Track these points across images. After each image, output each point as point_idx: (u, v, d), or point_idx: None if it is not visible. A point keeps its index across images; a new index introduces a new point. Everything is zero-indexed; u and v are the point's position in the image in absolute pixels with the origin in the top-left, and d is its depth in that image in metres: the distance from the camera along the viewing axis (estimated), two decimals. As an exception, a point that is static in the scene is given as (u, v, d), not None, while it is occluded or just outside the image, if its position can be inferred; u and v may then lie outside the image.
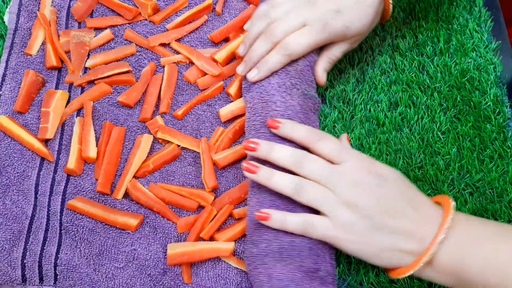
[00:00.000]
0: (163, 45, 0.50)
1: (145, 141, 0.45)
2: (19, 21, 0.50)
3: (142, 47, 0.51)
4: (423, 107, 0.48)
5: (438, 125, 0.47)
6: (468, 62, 0.50)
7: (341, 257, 0.41)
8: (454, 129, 0.47)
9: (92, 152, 0.45)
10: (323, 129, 0.47)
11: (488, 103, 0.48)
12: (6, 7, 0.53)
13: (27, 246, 0.41)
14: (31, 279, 0.40)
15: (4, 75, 0.48)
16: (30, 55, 0.49)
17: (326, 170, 0.37)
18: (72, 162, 0.44)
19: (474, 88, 0.49)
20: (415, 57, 0.50)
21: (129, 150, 0.46)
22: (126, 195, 0.44)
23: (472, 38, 0.52)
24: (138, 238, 0.42)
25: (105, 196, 0.44)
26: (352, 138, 0.46)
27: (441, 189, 0.44)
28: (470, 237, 0.34)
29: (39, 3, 0.51)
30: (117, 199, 0.44)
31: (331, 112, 0.48)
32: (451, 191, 0.44)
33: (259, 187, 0.39)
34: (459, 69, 0.50)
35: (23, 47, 0.50)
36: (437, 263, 0.34)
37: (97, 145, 0.45)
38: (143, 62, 0.50)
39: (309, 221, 0.36)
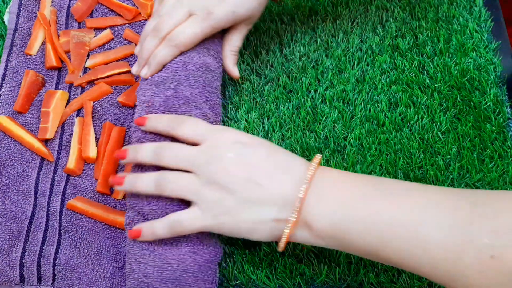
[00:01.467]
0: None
1: None
2: (19, 21, 0.50)
3: (142, 47, 0.50)
4: (423, 107, 0.48)
5: (438, 125, 0.47)
6: (468, 62, 0.50)
7: (340, 257, 0.41)
8: (454, 129, 0.47)
9: (92, 152, 0.45)
10: (322, 129, 0.47)
11: (488, 103, 0.48)
12: (6, 7, 0.53)
13: (26, 246, 0.41)
14: (29, 279, 0.40)
15: (4, 75, 0.48)
16: (30, 55, 0.49)
17: (186, 153, 0.35)
18: (72, 162, 0.44)
19: (474, 88, 0.49)
20: (415, 57, 0.50)
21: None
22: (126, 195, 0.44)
23: (472, 38, 0.52)
24: None
25: (105, 196, 0.44)
26: (352, 138, 0.46)
27: (441, 189, 0.44)
28: (349, 196, 0.33)
29: (39, 3, 0.51)
30: (117, 199, 0.44)
31: (331, 112, 0.48)
32: (451, 191, 0.44)
33: (134, 197, 0.38)
34: (459, 69, 0.50)
35: (23, 47, 0.50)
36: (316, 228, 0.33)
37: (97, 145, 0.45)
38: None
39: (175, 219, 0.35)
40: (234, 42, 0.45)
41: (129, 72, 0.49)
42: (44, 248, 0.41)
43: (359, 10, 0.53)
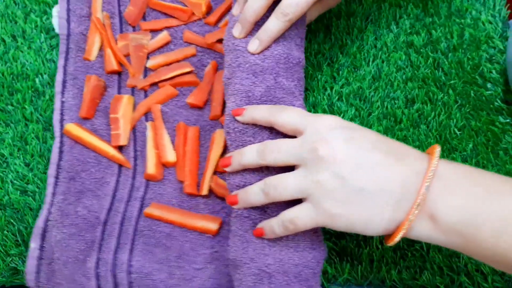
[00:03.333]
0: (221, 41, 0.49)
1: (219, 135, 0.44)
2: (70, 26, 0.49)
3: (201, 47, 0.49)
4: (439, 103, 0.48)
5: (454, 122, 0.47)
6: (481, 56, 0.50)
7: (362, 255, 0.41)
8: (469, 125, 0.47)
9: (171, 156, 0.44)
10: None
11: (500, 94, 0.48)
12: (18, 8, 0.52)
13: (100, 255, 0.41)
14: None
15: (64, 81, 0.47)
16: (89, 60, 0.48)
17: (289, 146, 0.33)
18: (151, 167, 0.43)
19: (486, 81, 0.49)
20: (430, 53, 0.50)
21: (205, 149, 0.45)
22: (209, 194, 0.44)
23: (486, 29, 0.51)
24: (218, 240, 0.42)
25: (190, 198, 0.44)
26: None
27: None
28: (480, 191, 0.30)
29: (88, 7, 0.50)
30: (202, 197, 0.43)
31: (348, 110, 0.47)
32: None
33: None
34: (471, 65, 0.50)
35: (79, 52, 0.48)
36: (442, 221, 0.30)
37: (173, 148, 0.45)
38: (206, 61, 0.49)
39: (288, 218, 0.33)
40: (312, 13, 0.43)
41: (191, 72, 0.48)
42: (117, 256, 0.41)
43: (373, 7, 0.53)
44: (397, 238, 0.31)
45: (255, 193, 0.35)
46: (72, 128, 0.45)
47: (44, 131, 0.46)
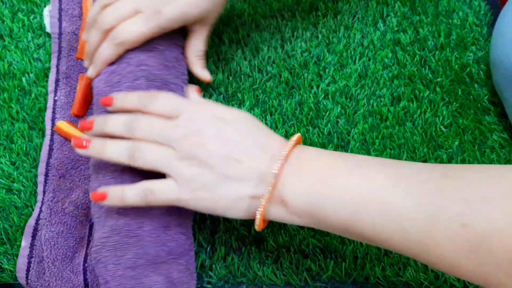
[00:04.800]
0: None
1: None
2: (62, 25, 0.49)
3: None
4: (425, 101, 0.48)
5: (440, 119, 0.47)
6: (468, 57, 0.51)
7: (346, 252, 0.41)
8: (456, 123, 0.47)
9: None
10: (326, 124, 0.47)
11: (487, 95, 0.49)
12: (6, 7, 0.52)
13: (88, 251, 0.41)
14: (93, 283, 0.40)
15: (57, 80, 0.47)
16: (81, 59, 0.48)
17: (160, 126, 0.34)
18: None
19: (473, 81, 0.50)
20: (417, 51, 0.50)
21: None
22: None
23: (472, 32, 0.52)
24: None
25: None
26: (355, 133, 0.46)
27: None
28: (322, 172, 0.32)
29: (79, 7, 0.50)
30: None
31: (334, 108, 0.47)
32: (454, 185, 0.44)
33: (97, 165, 0.37)
34: (459, 64, 0.50)
35: (72, 51, 0.48)
36: (291, 204, 0.32)
37: None
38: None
39: (149, 188, 0.34)
40: (197, 47, 0.43)
41: None
42: None
43: (360, 5, 0.53)
44: (257, 222, 0.34)
45: (118, 149, 0.34)
46: (63, 125, 0.45)
47: (30, 130, 0.46)
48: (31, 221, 0.42)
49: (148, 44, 0.41)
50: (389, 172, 0.31)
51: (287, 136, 0.46)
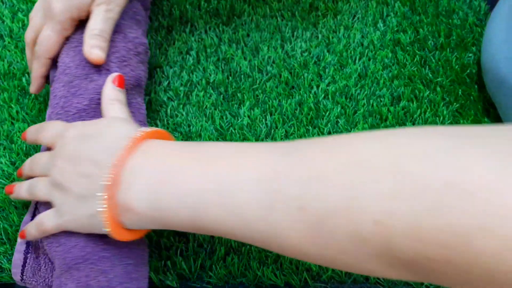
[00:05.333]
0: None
1: None
2: None
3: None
4: (425, 101, 0.48)
5: (441, 119, 0.47)
6: (469, 57, 0.51)
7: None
8: (456, 123, 0.47)
9: None
10: (325, 124, 0.47)
11: (487, 97, 0.49)
12: (6, 7, 0.52)
13: None
14: None
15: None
16: None
17: (42, 159, 0.36)
18: None
19: (473, 82, 0.50)
20: (417, 51, 0.50)
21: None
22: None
23: (472, 32, 0.52)
24: None
25: None
26: (355, 133, 0.46)
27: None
28: (165, 170, 0.29)
29: None
30: None
31: (334, 108, 0.47)
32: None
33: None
34: (459, 64, 0.50)
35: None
36: (137, 211, 0.30)
37: None
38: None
39: (38, 220, 0.35)
40: (91, 25, 0.40)
41: None
42: None
43: (360, 5, 0.53)
44: (112, 235, 0.32)
45: (24, 186, 0.37)
46: None
47: (30, 130, 0.46)
48: (27, 218, 0.42)
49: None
50: (231, 161, 0.28)
51: (287, 135, 0.46)
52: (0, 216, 0.43)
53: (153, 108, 0.47)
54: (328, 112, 0.47)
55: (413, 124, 0.47)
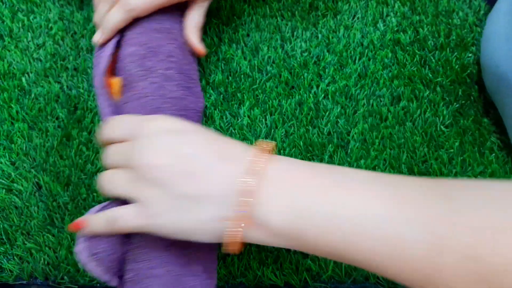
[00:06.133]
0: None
1: None
2: None
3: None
4: (425, 101, 0.48)
5: (441, 119, 0.47)
6: (469, 57, 0.51)
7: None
8: (457, 123, 0.47)
9: None
10: (325, 124, 0.47)
11: (487, 97, 0.49)
12: (6, 7, 0.52)
13: None
14: None
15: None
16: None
17: (120, 149, 0.33)
18: None
19: (473, 82, 0.50)
20: (417, 51, 0.50)
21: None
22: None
23: (472, 32, 0.52)
24: None
25: None
26: (355, 133, 0.46)
27: (445, 183, 0.44)
28: (305, 188, 0.28)
29: None
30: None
31: (333, 108, 0.47)
32: (454, 185, 0.44)
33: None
34: (459, 64, 0.50)
35: None
36: (271, 226, 0.28)
37: None
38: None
39: (112, 215, 0.32)
40: (196, 19, 0.43)
41: None
42: None
43: (360, 5, 0.53)
44: (233, 247, 0.30)
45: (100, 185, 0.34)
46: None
47: (30, 130, 0.46)
48: (96, 208, 0.37)
49: (159, 24, 0.40)
50: (385, 194, 0.27)
51: (286, 135, 0.46)
52: (0, 216, 0.43)
53: (153, 108, 0.47)
54: (328, 112, 0.47)
55: (413, 124, 0.47)
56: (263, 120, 0.47)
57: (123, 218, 0.31)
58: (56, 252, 0.42)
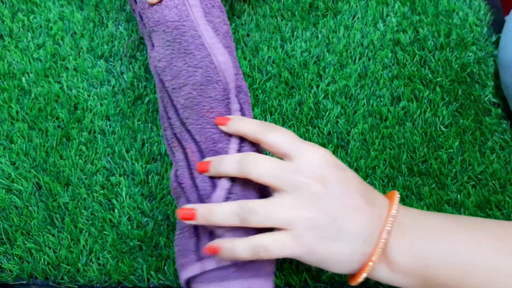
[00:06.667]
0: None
1: None
2: None
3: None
4: (425, 101, 0.48)
5: (441, 119, 0.47)
6: (469, 56, 0.51)
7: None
8: (456, 123, 0.47)
9: None
10: (325, 124, 0.47)
11: (488, 96, 0.49)
12: (6, 7, 0.52)
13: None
14: None
15: None
16: None
17: (277, 167, 0.31)
18: None
19: (474, 81, 0.50)
20: (416, 51, 0.50)
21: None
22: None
23: (472, 32, 0.52)
24: None
25: None
26: (355, 133, 0.46)
27: (445, 183, 0.44)
28: (427, 231, 0.32)
29: None
30: None
31: (333, 108, 0.47)
32: (454, 184, 0.44)
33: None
34: (459, 63, 0.50)
35: None
36: (397, 263, 0.31)
37: None
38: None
39: (262, 244, 0.31)
40: None
41: None
42: None
43: (360, 5, 0.53)
44: (360, 279, 0.32)
45: (226, 214, 0.31)
46: None
47: (30, 130, 0.46)
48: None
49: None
50: (497, 233, 0.31)
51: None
52: (0, 216, 0.43)
53: (153, 108, 0.47)
54: (328, 112, 0.47)
55: (413, 124, 0.47)
56: (263, 120, 0.47)
57: (275, 247, 0.30)
58: (56, 252, 0.42)
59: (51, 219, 0.43)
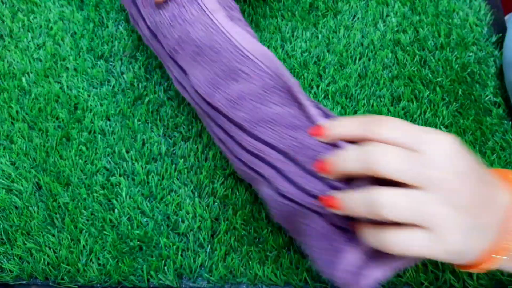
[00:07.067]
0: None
1: None
2: None
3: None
4: (425, 101, 0.48)
5: (441, 119, 0.47)
6: (469, 56, 0.51)
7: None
8: (457, 123, 0.47)
9: None
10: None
11: (489, 96, 0.49)
12: (6, 7, 0.52)
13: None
14: None
15: None
16: None
17: (406, 162, 0.27)
18: None
19: (474, 81, 0.49)
20: (417, 51, 0.50)
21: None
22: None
23: (473, 32, 0.52)
24: None
25: None
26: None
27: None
28: None
29: None
30: None
31: (334, 108, 0.47)
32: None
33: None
34: (460, 63, 0.50)
35: None
36: None
37: None
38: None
39: (396, 239, 0.28)
40: None
41: None
42: None
43: (360, 5, 0.53)
44: (494, 265, 0.29)
45: (355, 201, 0.28)
46: None
47: (30, 130, 0.46)
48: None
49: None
50: None
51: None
52: (0, 216, 0.43)
53: (153, 108, 0.47)
54: (328, 112, 0.47)
55: (413, 124, 0.47)
56: (263, 120, 0.47)
57: (416, 248, 0.27)
58: (56, 252, 0.42)
59: (51, 219, 0.43)
